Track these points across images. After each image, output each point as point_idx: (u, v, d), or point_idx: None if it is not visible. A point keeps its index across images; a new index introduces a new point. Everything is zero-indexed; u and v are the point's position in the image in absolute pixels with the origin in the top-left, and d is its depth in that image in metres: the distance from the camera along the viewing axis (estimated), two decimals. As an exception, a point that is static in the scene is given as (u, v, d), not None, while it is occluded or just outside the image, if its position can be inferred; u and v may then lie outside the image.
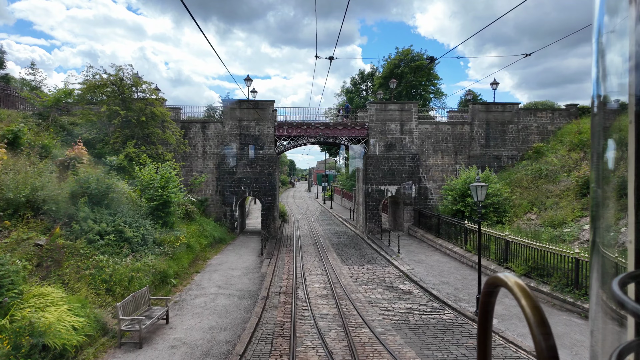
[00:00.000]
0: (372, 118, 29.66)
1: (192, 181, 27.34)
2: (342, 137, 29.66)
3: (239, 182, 28.80)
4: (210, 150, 29.10)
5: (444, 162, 30.53)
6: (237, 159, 28.78)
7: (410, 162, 29.83)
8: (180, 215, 22.97)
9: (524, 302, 0.77)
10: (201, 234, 22.78)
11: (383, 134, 29.72)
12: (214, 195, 29.19)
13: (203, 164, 29.09)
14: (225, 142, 28.85)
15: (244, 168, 28.83)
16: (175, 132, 26.31)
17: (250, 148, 28.93)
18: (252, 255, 22.52)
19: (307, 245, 27.63)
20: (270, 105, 29.00)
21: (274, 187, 29.05)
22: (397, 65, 44.70)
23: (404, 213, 29.98)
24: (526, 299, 0.77)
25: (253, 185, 28.92)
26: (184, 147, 26.95)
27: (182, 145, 26.86)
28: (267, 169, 28.96)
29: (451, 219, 23.46)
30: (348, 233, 33.22)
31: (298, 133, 29.35)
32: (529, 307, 0.76)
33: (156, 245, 16.72)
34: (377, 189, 29.69)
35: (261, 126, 28.99)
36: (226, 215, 28.79)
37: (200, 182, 27.55)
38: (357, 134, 29.71)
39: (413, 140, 29.92)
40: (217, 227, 26.65)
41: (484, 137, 30.54)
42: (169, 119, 25.74)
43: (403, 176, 29.81)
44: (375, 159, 29.65)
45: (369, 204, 29.67)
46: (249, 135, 28.92)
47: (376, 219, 29.85)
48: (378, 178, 29.67)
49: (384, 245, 25.57)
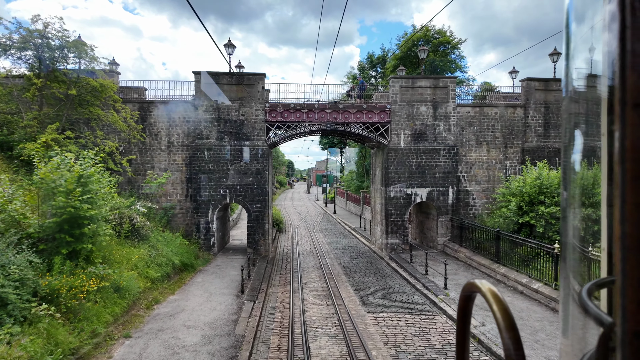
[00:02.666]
0: (395, 98, 22.22)
1: (147, 182, 19.83)
2: (355, 123, 22.21)
3: (217, 183, 21.33)
4: (178, 141, 21.62)
5: (489, 157, 23.10)
6: (215, 153, 21.31)
7: (446, 157, 22.40)
8: (125, 232, 15.51)
9: (495, 307, 0.82)
10: (152, 262, 15.28)
11: (410, 118, 22.28)
12: (183, 202, 21.69)
13: (168, 159, 21.60)
14: (198, 129, 21.36)
15: (223, 165, 21.35)
16: (125, 113, 18.80)
17: (233, 138, 21.46)
18: (227, 295, 15.02)
19: (309, 270, 20.15)
20: (260, 80, 21.54)
21: (265, 190, 21.58)
22: (415, 43, 37.31)
23: (437, 225, 22.54)
24: (497, 304, 0.82)
25: (236, 188, 21.44)
26: (136, 134, 19.43)
27: (134, 131, 19.35)
28: (255, 167, 21.49)
29: (524, 239, 15.95)
30: (360, 248, 25.76)
31: (296, 118, 21.89)
32: (500, 312, 0.80)
33: (44, 303, 9.22)
34: (402, 193, 22.24)
35: (247, 108, 21.52)
36: (199, 229, 21.29)
37: (159, 184, 20.05)
38: (375, 119, 22.26)
39: (450, 128, 22.50)
40: (184, 246, 19.14)
41: (542, 125, 23.13)
42: (112, 93, 18.20)
43: (437, 176, 22.37)
44: (399, 153, 22.20)
45: (390, 213, 22.21)
46: (231, 121, 21.44)
47: (401, 233, 22.39)
48: (403, 178, 22.22)
49: (417, 272, 18.11)
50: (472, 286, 0.93)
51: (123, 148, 21.09)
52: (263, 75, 21.55)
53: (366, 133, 22.34)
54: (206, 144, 21.30)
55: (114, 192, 15.46)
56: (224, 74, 21.34)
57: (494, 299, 0.83)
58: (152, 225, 19.30)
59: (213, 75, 21.30)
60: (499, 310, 0.81)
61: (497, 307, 0.81)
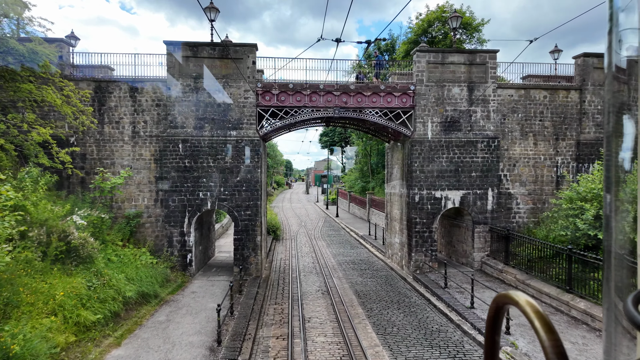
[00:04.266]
0: (420, 77, 17.64)
1: (97, 183, 15.17)
2: (371, 109, 17.63)
3: (194, 185, 16.69)
4: (146, 130, 16.98)
5: (537, 152, 18.55)
6: (192, 146, 16.68)
7: (484, 151, 17.84)
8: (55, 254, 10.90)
9: (537, 324, 0.73)
10: (90, 298, 10.62)
11: (439, 103, 17.70)
12: (152, 208, 17.04)
13: (133, 154, 16.95)
14: (171, 116, 16.73)
15: (203, 161, 16.73)
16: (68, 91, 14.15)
17: (215, 127, 16.83)
18: (197, 347, 10.39)
19: (313, 296, 15.55)
20: (249, 53, 16.91)
21: (256, 193, 16.95)
22: (431, 24, 32.73)
23: (472, 236, 17.97)
24: (540, 322, 0.73)
25: (219, 191, 16.80)
26: (84, 118, 14.76)
27: (83, 115, 14.69)
28: (243, 163, 16.87)
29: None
30: (374, 263, 21.18)
31: (296, 102, 17.29)
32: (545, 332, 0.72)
33: None
34: (429, 197, 17.65)
35: (234, 89, 16.90)
36: (172, 242, 16.65)
37: (113, 186, 15.40)
38: (395, 104, 17.69)
39: (489, 115, 17.94)
40: (147, 267, 14.51)
41: (602, 112, 18.60)
42: (48, 63, 13.53)
43: (473, 175, 17.80)
44: (426, 147, 17.61)
45: (414, 221, 17.62)
46: (213, 105, 16.81)
47: (428, 246, 17.79)
48: (431, 178, 17.64)
49: (458, 303, 13.53)
50: (506, 298, 0.85)
51: (75, 139, 16.45)
52: (254, 47, 16.92)
53: (383, 121, 17.75)
54: (181, 134, 16.66)
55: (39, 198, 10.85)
56: (205, 45, 16.70)
57: (535, 315, 0.74)
58: (109, 238, 14.69)
59: (191, 46, 16.67)
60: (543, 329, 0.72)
61: (541, 325, 0.72)
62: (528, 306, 0.77)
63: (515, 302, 0.80)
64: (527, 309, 0.76)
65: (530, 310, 0.76)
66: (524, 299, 0.79)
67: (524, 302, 0.78)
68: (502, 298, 0.87)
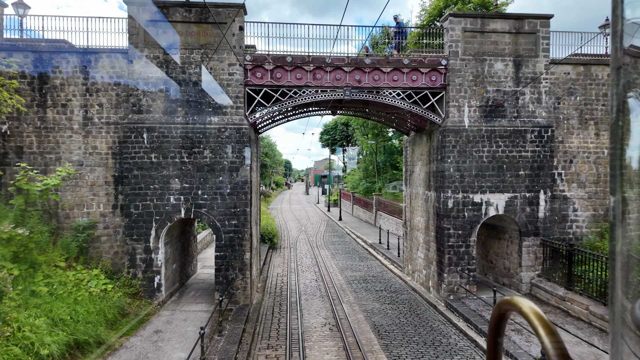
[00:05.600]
0: (455, 49, 13.84)
1: (19, 184, 11.27)
2: (390, 89, 13.83)
3: (164, 186, 12.86)
4: (102, 117, 13.14)
5: (599, 145, 14.75)
6: (161, 136, 12.84)
7: (535, 144, 14.05)
8: None
9: (541, 329, 0.74)
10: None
11: (479, 81, 13.91)
12: (110, 216, 13.20)
13: (85, 146, 13.12)
14: (134, 97, 12.89)
15: (175, 155, 12.90)
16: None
17: (192, 111, 13.02)
18: None
19: (319, 335, 11.70)
20: (236, 15, 13.06)
21: (244, 197, 13.11)
22: (447, 4, 28.94)
23: (519, 251, 14.17)
24: (543, 326, 0.74)
25: (196, 194, 12.96)
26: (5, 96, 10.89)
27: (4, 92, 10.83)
28: (228, 158, 13.05)
29: None
30: (391, 281, 17.37)
31: (296, 81, 13.47)
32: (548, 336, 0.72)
33: None
34: (466, 201, 13.83)
35: (215, 62, 13.07)
36: (134, 261, 12.81)
37: (47, 188, 11.55)
38: (422, 82, 13.90)
39: (540, 98, 14.14)
40: (94, 299, 10.68)
41: None
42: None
43: (520, 173, 14.00)
44: (462, 137, 13.81)
45: (447, 233, 13.80)
46: (189, 84, 12.98)
47: (465, 265, 13.96)
48: (469, 178, 13.83)
49: (522, 352, 9.73)
50: (508, 304, 0.86)
51: (7, 127, 12.63)
52: (241, 9, 13.08)
53: (407, 105, 13.94)
54: (147, 120, 12.84)
55: None
56: (178, 5, 12.88)
57: (539, 322, 0.76)
58: (44, 259, 10.87)
59: (160, 6, 12.83)
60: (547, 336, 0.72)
61: (545, 332, 0.73)
62: (531, 312, 0.78)
63: (518, 308, 0.82)
64: (530, 315, 0.77)
65: (533, 315, 0.77)
66: (527, 305, 0.80)
67: (527, 308, 0.79)
68: (504, 304, 0.88)
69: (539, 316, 0.77)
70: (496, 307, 0.92)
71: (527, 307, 0.80)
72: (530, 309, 0.79)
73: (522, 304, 0.81)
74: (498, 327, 0.93)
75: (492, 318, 0.96)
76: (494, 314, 0.93)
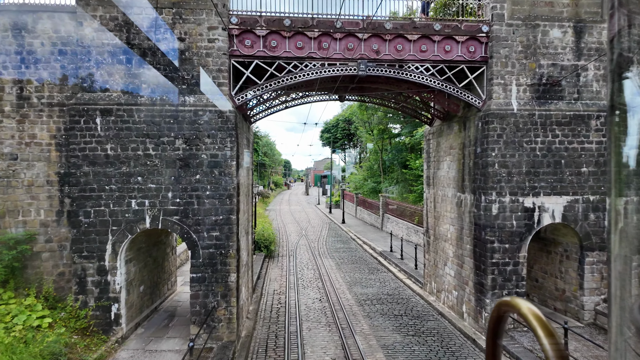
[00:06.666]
0: (500, 11, 10.79)
1: None
2: (418, 63, 10.80)
3: (123, 187, 9.80)
4: (42, 95, 10.08)
5: (678, 135, 11.71)
6: (120, 121, 9.79)
7: (601, 134, 11.01)
8: None
9: (539, 330, 0.74)
10: None
11: (530, 53, 10.87)
12: (54, 227, 10.15)
13: (19, 135, 10.06)
14: (84, 70, 9.83)
15: (138, 147, 9.85)
16: None
17: (159, 89, 9.97)
18: None
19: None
20: (218, -34, 10.02)
21: (229, 201, 10.06)
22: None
23: (581, 269, 11.15)
24: (542, 328, 0.74)
25: (166, 198, 9.91)
26: None
27: None
28: (206, 151, 10.00)
29: None
30: (411, 303, 14.35)
31: (297, 51, 10.43)
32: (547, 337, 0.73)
33: None
34: (515, 206, 10.78)
35: (191, 25, 10.02)
36: (85, 285, 9.76)
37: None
38: (457, 54, 10.87)
39: (608, 75, 11.11)
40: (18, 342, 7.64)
41: None
42: None
43: (583, 170, 10.96)
44: (510, 124, 10.76)
45: (490, 247, 10.75)
46: (156, 54, 9.93)
47: (512, 287, 10.88)
48: (518, 176, 10.79)
49: None
50: (507, 305, 0.86)
51: None
52: (225, -45, 10.01)
53: (438, 83, 10.89)
54: (101, 100, 9.79)
55: None
56: (141, -49, 9.83)
57: (537, 321, 0.75)
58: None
59: (117, -47, 9.78)
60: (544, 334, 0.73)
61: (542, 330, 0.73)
62: (530, 313, 0.77)
63: (517, 309, 0.81)
64: (528, 316, 0.77)
65: (531, 316, 0.77)
66: (525, 306, 0.80)
67: (526, 309, 0.79)
68: (503, 305, 0.88)
69: (537, 317, 0.76)
70: (495, 308, 0.91)
71: (526, 308, 0.79)
72: (529, 310, 0.78)
73: (521, 305, 0.81)
74: (497, 329, 0.92)
75: (490, 320, 0.94)
76: (493, 315, 0.92)
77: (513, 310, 0.83)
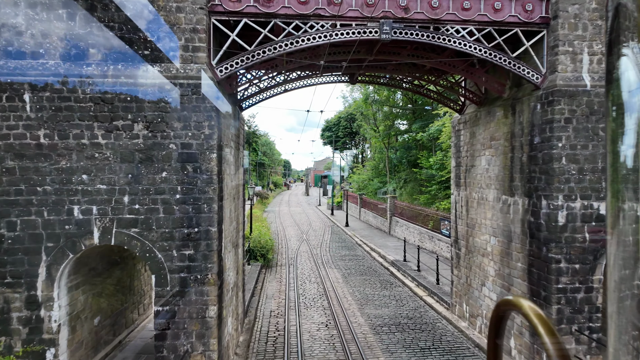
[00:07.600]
0: (567, -45, 8.18)
1: None
2: (459, 25, 8.18)
3: (62, 189, 7.19)
4: (-48, 64, 7.47)
5: None
6: (57, 100, 7.17)
7: (699, 117, 8.39)
8: None
9: (541, 328, 0.73)
10: None
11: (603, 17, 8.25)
12: (-32, 242, 7.52)
13: None
14: (8, 30, 7.21)
15: (82, 134, 7.23)
16: None
17: (111, 56, 7.34)
18: None
19: None
20: None
21: (207, 207, 7.44)
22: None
23: (668, 296, 8.52)
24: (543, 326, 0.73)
25: (122, 203, 7.28)
26: None
27: None
28: (175, 140, 7.37)
29: None
30: (438, 330, 11.71)
31: (299, 5, 7.80)
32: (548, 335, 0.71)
33: None
34: (587, 213, 8.14)
35: (155, -29, 7.39)
36: (9, 324, 7.12)
37: None
38: (508, 14, 8.24)
39: None
40: None
41: None
42: None
43: (676, 166, 8.34)
44: (580, 106, 8.13)
45: (555, 268, 8.10)
46: (108, 9, 7.30)
47: (583, 321, 8.28)
48: (591, 174, 8.16)
49: None
50: (508, 304, 0.85)
51: None
52: None
53: (484, 52, 8.26)
54: (32, 70, 7.15)
55: None
56: None
57: (538, 319, 0.75)
58: None
59: None
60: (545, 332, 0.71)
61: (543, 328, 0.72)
62: (531, 311, 0.77)
63: (518, 307, 0.81)
64: (530, 314, 0.77)
65: (533, 315, 0.76)
66: (526, 305, 0.79)
67: (527, 307, 0.79)
68: (504, 304, 0.88)
69: (539, 316, 0.76)
70: (495, 307, 0.90)
71: (528, 307, 0.79)
72: (531, 309, 0.78)
73: (522, 303, 0.80)
74: (497, 328, 0.92)
75: (491, 319, 0.93)
76: (494, 314, 0.92)
77: (514, 309, 0.82)
